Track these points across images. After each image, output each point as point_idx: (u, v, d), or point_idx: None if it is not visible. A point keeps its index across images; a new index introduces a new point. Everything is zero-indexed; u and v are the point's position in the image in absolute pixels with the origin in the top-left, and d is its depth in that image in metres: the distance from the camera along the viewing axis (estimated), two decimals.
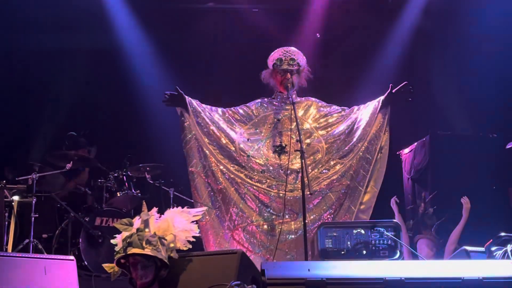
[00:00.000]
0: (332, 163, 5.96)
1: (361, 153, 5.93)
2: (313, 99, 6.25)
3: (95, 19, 8.57)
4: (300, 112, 6.06)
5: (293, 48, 6.12)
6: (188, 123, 5.96)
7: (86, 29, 8.66)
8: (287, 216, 5.78)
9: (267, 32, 8.58)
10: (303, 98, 6.22)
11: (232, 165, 5.94)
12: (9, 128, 8.41)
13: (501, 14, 7.99)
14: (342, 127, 6.06)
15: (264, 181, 5.88)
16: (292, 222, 5.78)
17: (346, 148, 5.98)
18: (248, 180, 5.88)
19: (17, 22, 8.50)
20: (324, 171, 5.92)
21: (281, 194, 5.80)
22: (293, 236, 5.75)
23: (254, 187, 5.87)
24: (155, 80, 8.60)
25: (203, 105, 6.08)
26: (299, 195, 5.57)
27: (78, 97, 8.70)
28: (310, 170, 5.80)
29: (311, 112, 6.15)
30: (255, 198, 5.87)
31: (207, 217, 5.80)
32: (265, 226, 5.81)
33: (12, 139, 8.41)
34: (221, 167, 5.92)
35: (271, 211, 5.83)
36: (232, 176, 5.90)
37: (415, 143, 7.98)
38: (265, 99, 6.22)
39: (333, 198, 5.88)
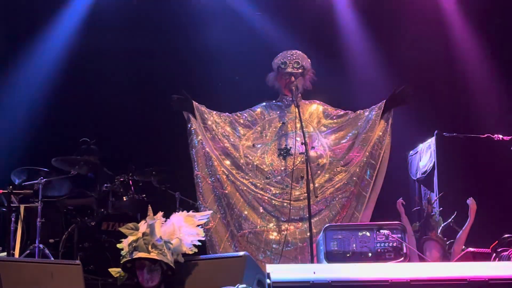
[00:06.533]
0: (336, 169, 5.95)
1: (365, 159, 5.92)
2: (319, 102, 6.26)
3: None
4: (305, 115, 6.06)
5: (297, 52, 6.13)
6: (194, 127, 5.97)
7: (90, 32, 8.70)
8: (292, 224, 5.77)
9: (271, 35, 8.59)
10: (308, 101, 6.24)
11: (237, 171, 5.94)
12: (16, 134, 8.43)
13: None
14: (346, 133, 6.06)
15: (268, 190, 5.87)
16: (297, 230, 5.76)
17: (350, 155, 5.97)
18: (253, 188, 5.88)
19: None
20: (328, 180, 5.92)
21: (285, 204, 5.78)
22: (298, 244, 5.73)
23: (259, 195, 5.86)
24: (160, 83, 8.61)
25: (210, 110, 6.09)
26: (304, 205, 5.59)
27: (84, 101, 8.72)
28: (315, 174, 5.80)
29: (316, 115, 6.15)
30: (259, 205, 5.86)
31: (212, 222, 5.80)
32: (270, 233, 5.79)
33: (18, 144, 8.42)
34: (227, 172, 5.92)
35: (275, 218, 5.82)
36: (237, 182, 5.90)
37: (421, 145, 7.97)
38: (270, 102, 6.24)
39: (337, 206, 5.87)
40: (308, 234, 5.31)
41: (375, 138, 5.94)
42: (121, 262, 4.32)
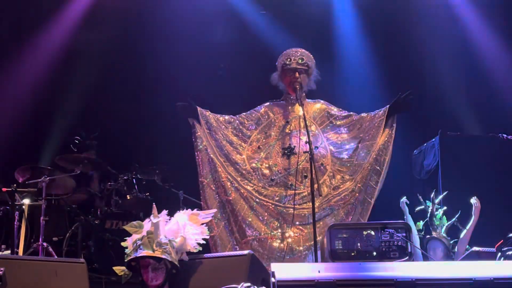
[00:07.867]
0: (345, 177, 5.92)
1: (369, 166, 5.90)
2: (323, 101, 6.24)
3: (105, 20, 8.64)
4: (309, 114, 6.04)
5: (302, 49, 6.12)
6: (199, 134, 5.95)
7: (94, 31, 8.70)
8: (296, 231, 5.74)
9: (271, 37, 8.60)
10: (313, 100, 6.22)
11: (241, 178, 5.91)
12: (20, 132, 8.43)
13: None
14: (349, 137, 6.04)
15: (272, 196, 5.84)
16: (302, 238, 5.73)
17: (356, 163, 5.95)
18: (257, 195, 5.86)
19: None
20: (335, 187, 5.88)
21: (290, 211, 5.73)
22: (302, 252, 5.69)
23: (263, 202, 5.84)
24: (164, 81, 8.60)
25: (214, 114, 6.07)
26: (309, 213, 5.57)
27: (88, 99, 8.72)
28: (318, 173, 5.77)
29: (320, 115, 6.13)
30: (263, 211, 5.83)
31: (215, 229, 5.78)
32: (274, 240, 5.76)
33: (23, 142, 8.42)
34: (231, 179, 5.89)
35: (280, 225, 5.79)
36: (241, 190, 5.87)
37: (425, 144, 7.96)
38: (274, 101, 6.21)
39: (342, 213, 5.85)
40: (312, 242, 5.27)
41: (380, 144, 5.92)
42: (125, 260, 4.31)
